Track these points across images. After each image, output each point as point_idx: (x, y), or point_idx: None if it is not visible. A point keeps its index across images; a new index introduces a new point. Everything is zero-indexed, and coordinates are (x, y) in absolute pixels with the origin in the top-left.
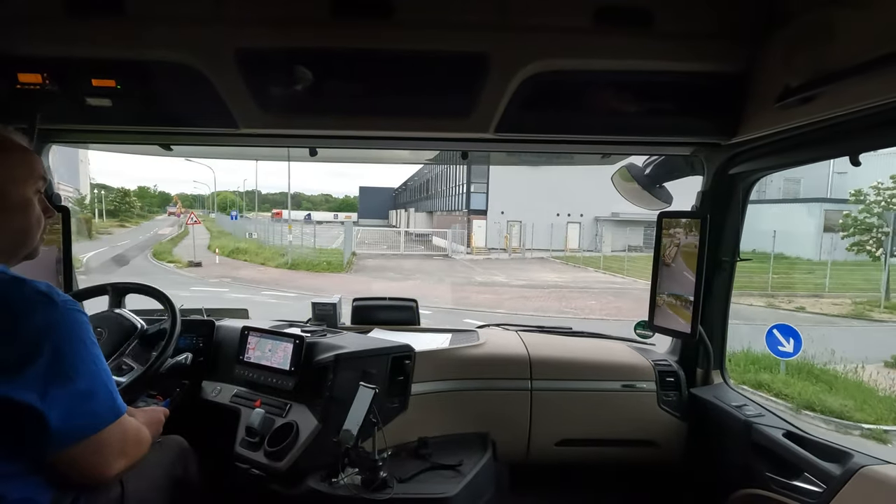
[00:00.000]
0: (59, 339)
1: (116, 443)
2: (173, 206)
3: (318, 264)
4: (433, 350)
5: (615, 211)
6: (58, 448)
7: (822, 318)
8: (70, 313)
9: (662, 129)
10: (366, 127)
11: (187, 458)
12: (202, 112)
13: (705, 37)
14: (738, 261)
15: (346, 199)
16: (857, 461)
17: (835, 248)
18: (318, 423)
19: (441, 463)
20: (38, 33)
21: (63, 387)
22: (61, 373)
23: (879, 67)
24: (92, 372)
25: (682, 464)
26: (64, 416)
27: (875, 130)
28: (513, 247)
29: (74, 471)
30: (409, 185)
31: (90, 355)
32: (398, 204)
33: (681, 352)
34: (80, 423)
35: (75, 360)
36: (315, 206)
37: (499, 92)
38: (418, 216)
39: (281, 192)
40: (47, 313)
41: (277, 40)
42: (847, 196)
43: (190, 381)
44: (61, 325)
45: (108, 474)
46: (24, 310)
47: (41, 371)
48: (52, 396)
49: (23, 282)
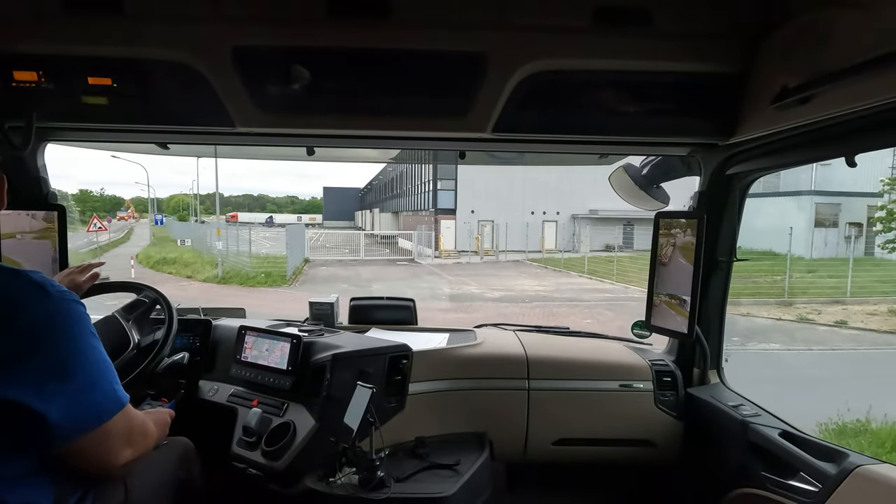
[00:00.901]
0: (57, 332)
1: (121, 432)
2: (125, 210)
3: (255, 277)
4: (430, 350)
5: (593, 208)
6: (61, 443)
7: (878, 336)
8: (66, 303)
9: (660, 130)
10: (363, 126)
11: (191, 460)
12: (199, 111)
13: (703, 37)
14: (735, 261)
15: (312, 200)
16: (853, 461)
17: (826, 245)
18: (315, 422)
19: (438, 462)
20: (34, 31)
21: (63, 381)
22: (60, 367)
23: (876, 68)
24: (91, 363)
25: (678, 463)
26: (65, 410)
27: (872, 131)
28: (485, 249)
29: (81, 462)
30: (374, 184)
31: (88, 346)
32: (364, 204)
33: (678, 352)
34: (83, 416)
35: (74, 352)
36: (280, 209)
37: (496, 92)
38: (383, 217)
39: (245, 193)
40: (43, 305)
41: (275, 39)
42: (838, 189)
43: (187, 381)
44: (58, 316)
45: (115, 464)
46: (19, 302)
47: (39, 367)
48: (52, 392)
49: (17, 273)
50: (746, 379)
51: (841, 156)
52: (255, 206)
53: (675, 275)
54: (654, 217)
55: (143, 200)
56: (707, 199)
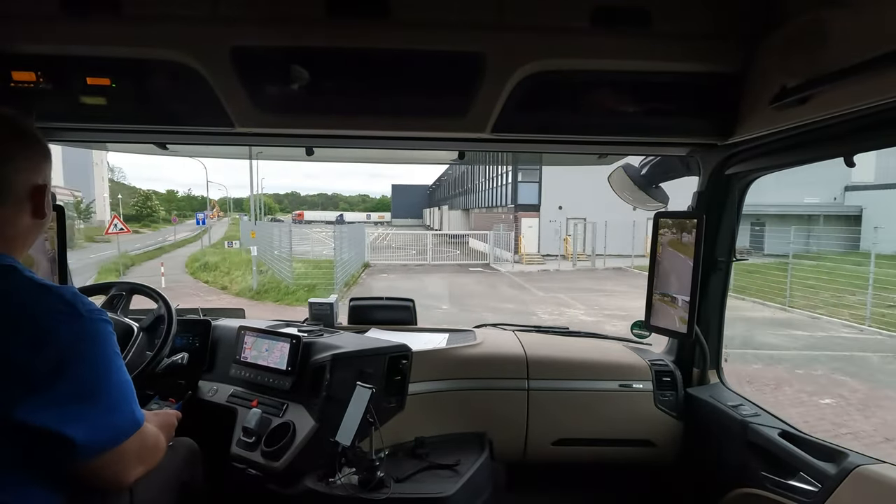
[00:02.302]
0: (85, 355)
1: (135, 451)
2: (210, 209)
3: (294, 291)
4: (430, 350)
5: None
6: (78, 462)
7: None
8: (95, 324)
9: (659, 130)
10: (362, 126)
11: (195, 461)
12: (198, 111)
13: (702, 37)
14: (734, 261)
15: (382, 199)
16: (853, 460)
17: None
18: (314, 422)
19: (438, 462)
20: (32, 31)
21: (86, 405)
22: (86, 392)
23: (875, 68)
24: (115, 385)
25: (678, 463)
26: (85, 432)
27: (871, 131)
28: (578, 253)
29: (94, 480)
30: (443, 180)
31: (114, 368)
32: (433, 202)
33: (677, 352)
34: (103, 438)
35: (100, 376)
36: (351, 207)
37: (496, 92)
38: (452, 215)
39: (319, 193)
40: (73, 327)
41: (273, 39)
42: None
43: (186, 381)
44: (87, 338)
45: (127, 482)
46: (49, 324)
47: (64, 391)
48: (75, 415)
49: (49, 290)
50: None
51: (840, 156)
52: (329, 205)
53: (673, 274)
54: (653, 217)
55: (227, 201)
56: (706, 199)
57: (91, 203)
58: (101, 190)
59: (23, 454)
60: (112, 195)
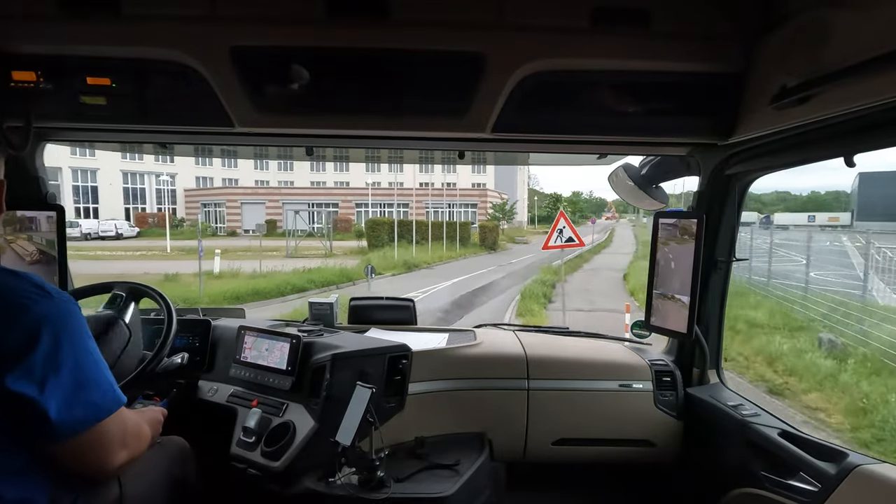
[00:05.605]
0: (57, 331)
1: (117, 434)
2: (608, 210)
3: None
4: (430, 350)
5: None
6: (58, 440)
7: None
8: (65, 304)
9: (659, 130)
10: (362, 126)
11: (186, 459)
12: (198, 111)
13: (702, 37)
14: (734, 261)
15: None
16: (852, 460)
17: None
18: (314, 422)
19: (438, 462)
20: (32, 31)
21: (61, 377)
22: (60, 363)
23: (875, 68)
24: (90, 363)
25: (678, 463)
26: (63, 406)
27: (871, 131)
28: None
29: (76, 463)
30: None
31: (84, 346)
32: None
33: (677, 352)
34: (80, 414)
35: (73, 351)
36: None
37: (495, 92)
38: None
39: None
40: (44, 305)
41: (273, 39)
42: None
43: (186, 381)
44: (58, 316)
45: (110, 467)
46: (22, 301)
47: (39, 361)
48: (51, 387)
49: (18, 274)
50: None
51: (840, 156)
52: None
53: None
54: (653, 217)
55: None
56: (706, 199)
57: (514, 204)
58: (521, 193)
59: (8, 427)
60: (529, 198)
